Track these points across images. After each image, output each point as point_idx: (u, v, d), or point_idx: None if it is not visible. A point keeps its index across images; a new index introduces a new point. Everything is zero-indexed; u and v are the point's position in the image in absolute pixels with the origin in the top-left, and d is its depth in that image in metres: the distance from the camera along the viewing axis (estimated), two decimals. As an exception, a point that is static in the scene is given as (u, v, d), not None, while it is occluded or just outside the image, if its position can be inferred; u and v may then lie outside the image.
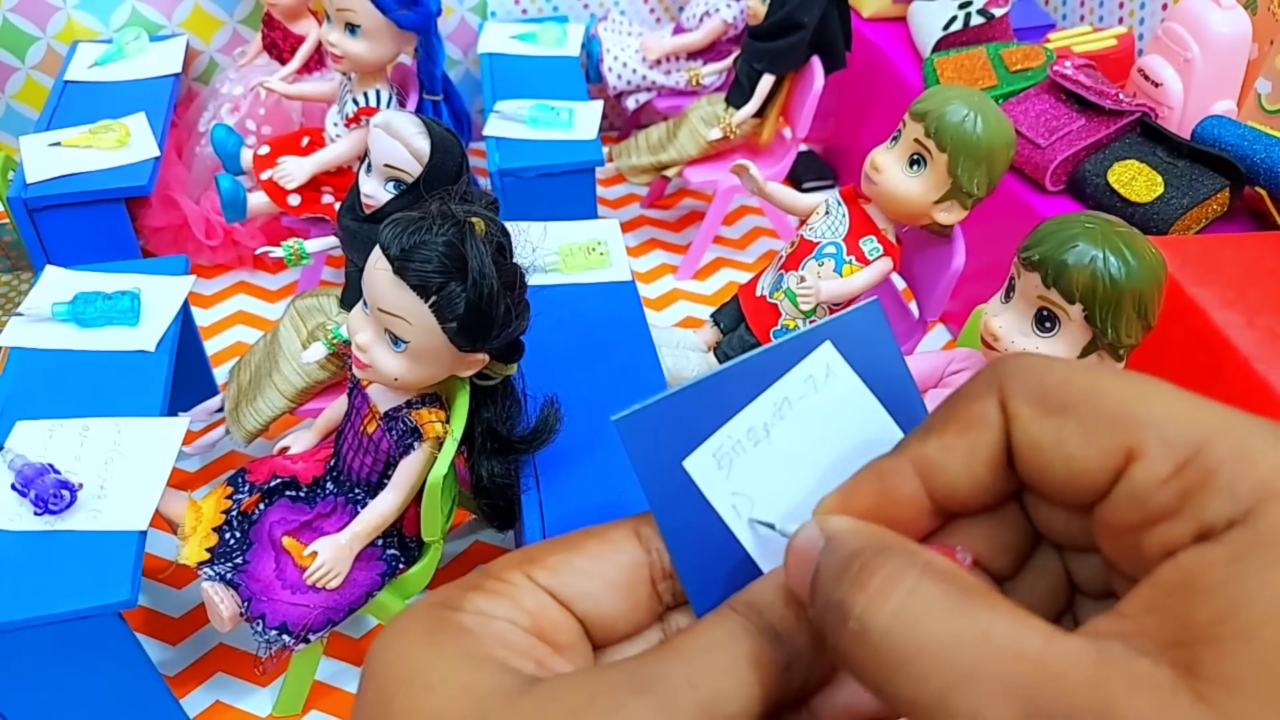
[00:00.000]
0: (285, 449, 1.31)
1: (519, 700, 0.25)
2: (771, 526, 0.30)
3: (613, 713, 0.24)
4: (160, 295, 1.39)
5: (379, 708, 0.26)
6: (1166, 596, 0.23)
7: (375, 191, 1.26)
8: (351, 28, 1.60)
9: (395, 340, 1.03)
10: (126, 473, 1.14)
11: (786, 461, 0.30)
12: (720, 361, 1.53)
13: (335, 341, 1.32)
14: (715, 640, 0.26)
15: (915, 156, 1.31)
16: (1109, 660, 0.22)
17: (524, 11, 2.36)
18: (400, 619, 0.27)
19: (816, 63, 1.90)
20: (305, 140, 1.84)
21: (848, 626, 0.24)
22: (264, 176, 1.74)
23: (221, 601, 1.12)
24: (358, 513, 1.16)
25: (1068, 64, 1.73)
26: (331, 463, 1.23)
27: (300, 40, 2.02)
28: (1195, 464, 0.23)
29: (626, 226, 2.18)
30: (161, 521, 1.18)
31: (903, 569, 0.24)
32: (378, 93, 1.69)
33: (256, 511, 1.18)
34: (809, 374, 0.30)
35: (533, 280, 1.07)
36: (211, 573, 1.14)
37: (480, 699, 0.25)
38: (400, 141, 1.22)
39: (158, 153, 1.74)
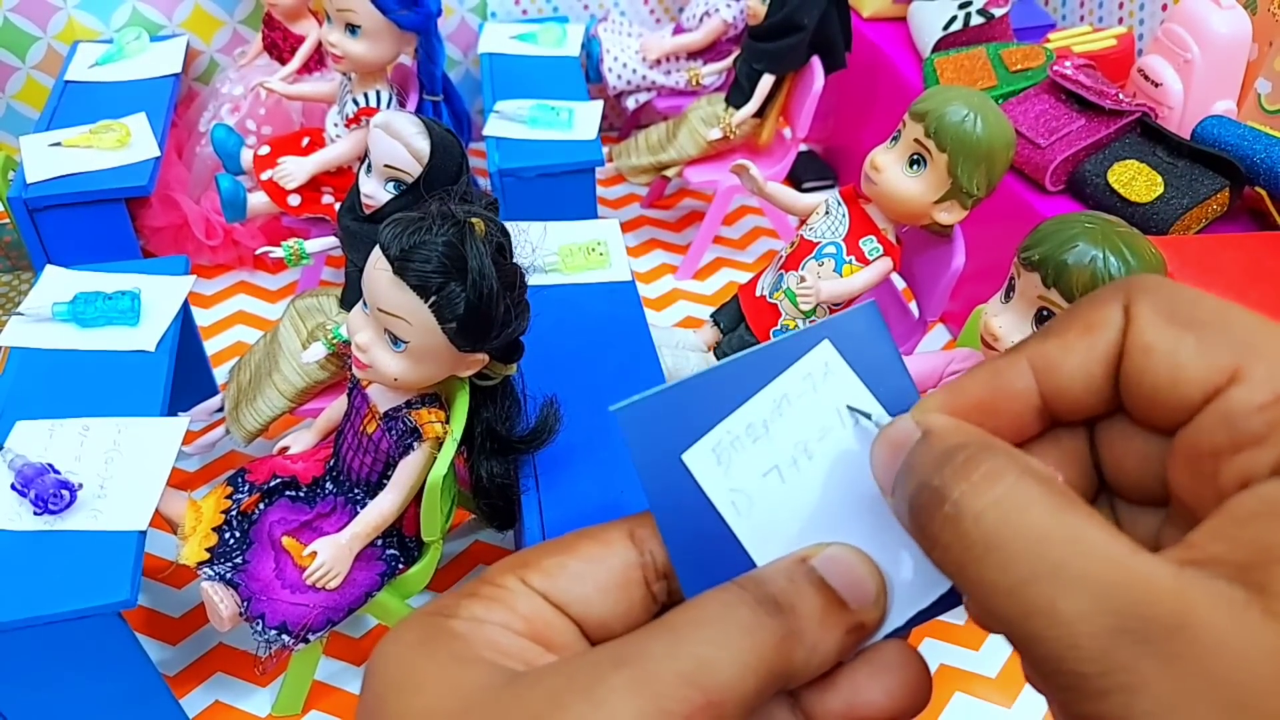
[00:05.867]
0: (285, 449, 1.31)
1: (502, 692, 0.25)
2: (869, 416, 0.30)
3: (590, 689, 0.24)
4: (160, 295, 1.39)
5: (374, 713, 0.26)
6: (1239, 525, 0.23)
7: (375, 191, 1.26)
8: (352, 28, 1.60)
9: (395, 340, 1.03)
10: (126, 473, 1.14)
11: (784, 460, 0.30)
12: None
13: (335, 341, 1.32)
14: (706, 613, 0.26)
15: (915, 156, 1.31)
16: (1189, 576, 0.22)
17: (524, 12, 2.36)
18: (396, 629, 0.28)
19: (816, 63, 1.90)
20: (305, 140, 1.84)
21: (942, 509, 0.25)
22: (264, 176, 1.74)
23: (221, 601, 1.12)
24: (357, 513, 1.16)
25: (1067, 64, 1.73)
26: (331, 463, 1.23)
27: (300, 40, 2.02)
28: None
29: (626, 226, 2.18)
30: (161, 521, 1.18)
31: (1006, 466, 0.25)
32: (378, 93, 1.69)
33: (256, 511, 1.18)
34: (808, 372, 0.30)
35: (533, 280, 1.07)
36: (211, 572, 1.14)
37: (466, 695, 0.25)
38: (400, 142, 1.22)
39: (158, 153, 1.74)
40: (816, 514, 0.30)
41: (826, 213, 1.46)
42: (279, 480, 1.20)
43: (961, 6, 2.02)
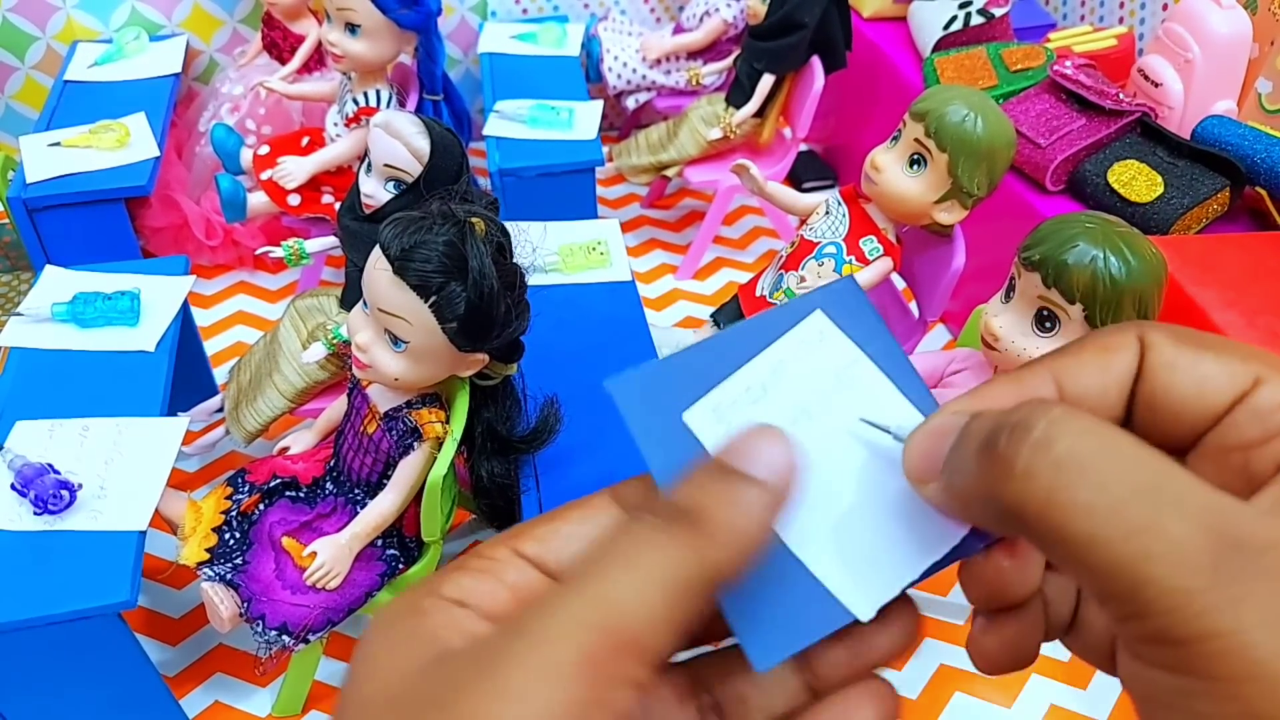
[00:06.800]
0: (285, 449, 1.31)
1: (420, 675, 0.25)
2: (887, 430, 0.31)
3: (491, 665, 0.24)
4: (160, 295, 1.39)
5: (339, 702, 0.27)
6: None
7: (375, 191, 1.26)
8: (352, 27, 1.60)
9: (395, 340, 1.03)
10: (126, 473, 1.14)
11: (785, 420, 0.31)
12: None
13: (335, 341, 1.32)
14: (611, 547, 0.26)
15: (915, 156, 1.31)
16: (1270, 513, 0.24)
17: (524, 11, 2.36)
18: (377, 612, 0.29)
19: (816, 62, 1.90)
20: (305, 140, 1.84)
21: (1030, 436, 0.25)
22: (264, 176, 1.74)
23: (221, 602, 1.12)
24: (357, 513, 1.16)
25: (1068, 64, 1.73)
26: (331, 463, 1.23)
27: (300, 40, 2.02)
28: None
29: (626, 226, 2.18)
30: (161, 522, 1.18)
31: (1077, 410, 0.25)
32: (378, 92, 1.69)
33: (256, 512, 1.18)
34: (803, 339, 0.32)
35: (533, 280, 1.07)
36: (211, 573, 1.13)
37: (401, 678, 0.25)
38: (400, 141, 1.22)
39: (157, 153, 1.74)
40: (817, 473, 0.31)
41: (826, 213, 1.46)
42: (279, 481, 1.20)
43: (962, 6, 2.02)
